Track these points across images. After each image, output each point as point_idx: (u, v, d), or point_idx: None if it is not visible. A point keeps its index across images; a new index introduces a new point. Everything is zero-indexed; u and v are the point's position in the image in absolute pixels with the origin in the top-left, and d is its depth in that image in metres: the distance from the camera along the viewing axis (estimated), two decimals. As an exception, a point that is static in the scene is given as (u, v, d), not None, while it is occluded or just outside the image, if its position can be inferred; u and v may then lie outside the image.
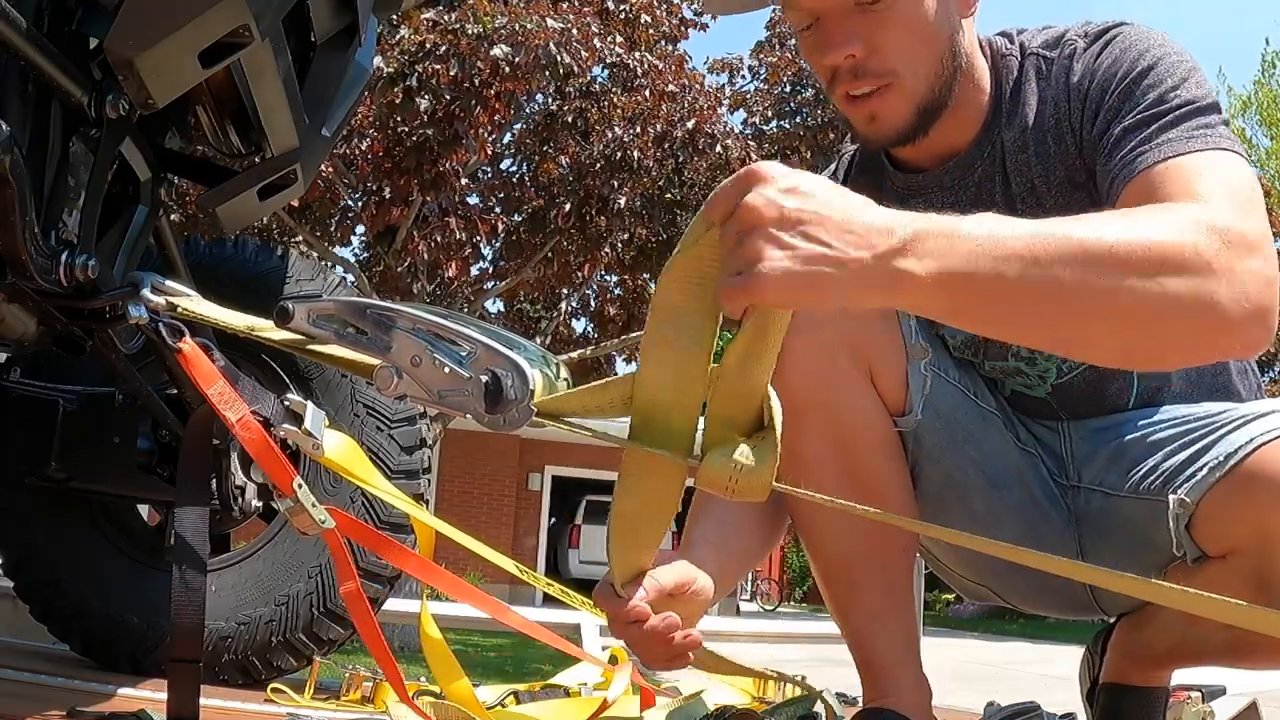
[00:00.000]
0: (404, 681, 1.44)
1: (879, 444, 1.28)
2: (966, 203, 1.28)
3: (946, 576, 1.51)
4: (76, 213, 1.33)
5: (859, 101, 1.21)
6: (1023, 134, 1.25)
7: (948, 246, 0.84)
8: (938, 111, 1.23)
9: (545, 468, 17.47)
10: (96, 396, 1.83)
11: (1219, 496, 1.15)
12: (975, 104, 1.27)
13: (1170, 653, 1.36)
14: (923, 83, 1.20)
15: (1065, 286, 0.86)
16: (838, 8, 1.17)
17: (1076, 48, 1.23)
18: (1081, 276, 0.86)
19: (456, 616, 3.80)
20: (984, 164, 1.28)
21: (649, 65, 8.11)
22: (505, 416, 0.84)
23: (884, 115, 1.21)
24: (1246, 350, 0.95)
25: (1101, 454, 1.31)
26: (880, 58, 1.18)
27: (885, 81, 1.19)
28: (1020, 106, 1.26)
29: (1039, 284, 0.86)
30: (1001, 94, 1.27)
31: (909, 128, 1.23)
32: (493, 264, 9.36)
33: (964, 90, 1.25)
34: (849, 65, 1.18)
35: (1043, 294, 0.86)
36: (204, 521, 1.24)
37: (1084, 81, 1.20)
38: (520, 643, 9.08)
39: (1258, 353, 0.97)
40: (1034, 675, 8.60)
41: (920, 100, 1.21)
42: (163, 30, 1.17)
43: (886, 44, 1.17)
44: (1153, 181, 1.06)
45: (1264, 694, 1.61)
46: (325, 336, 0.97)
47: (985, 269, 0.84)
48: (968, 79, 1.25)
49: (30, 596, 1.97)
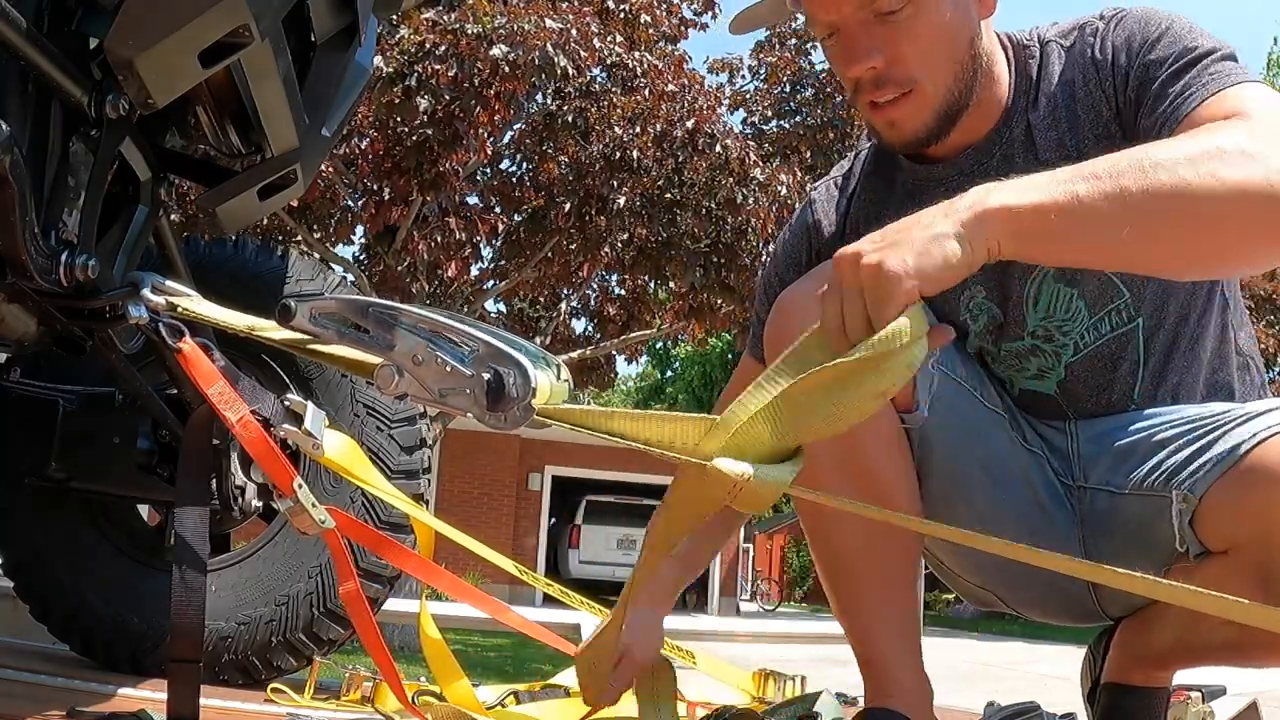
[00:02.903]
0: (403, 683, 1.44)
1: (885, 441, 1.28)
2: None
3: (949, 580, 1.51)
4: (76, 213, 1.33)
5: (881, 108, 1.23)
6: (1053, 111, 1.28)
7: (1022, 185, 0.93)
8: (958, 115, 1.25)
9: (545, 468, 17.48)
10: (96, 396, 1.83)
11: (1221, 491, 1.16)
12: (995, 98, 1.29)
13: (1172, 652, 1.36)
14: (943, 88, 1.22)
15: (1132, 193, 0.92)
16: (857, 19, 1.18)
17: (1096, 27, 1.27)
18: (1146, 182, 0.92)
19: (456, 616, 3.80)
20: (1003, 147, 1.29)
21: (649, 65, 8.10)
22: (507, 415, 0.84)
23: (904, 121, 1.24)
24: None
25: (1107, 455, 1.31)
26: (901, 67, 1.20)
27: (906, 89, 1.21)
28: (1047, 87, 1.29)
29: (1108, 196, 0.92)
30: (1022, 82, 1.30)
31: (930, 132, 1.25)
32: (493, 264, 9.36)
33: (984, 89, 1.27)
34: (871, 76, 1.21)
35: (1113, 202, 0.92)
36: (204, 521, 1.24)
37: (1109, 54, 1.24)
38: (520, 643, 9.08)
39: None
40: (1034, 675, 8.60)
41: (941, 105, 1.23)
42: (163, 30, 1.17)
43: (907, 53, 1.19)
44: (1201, 117, 1.11)
45: (1264, 694, 1.61)
46: (327, 335, 0.97)
47: (1060, 192, 0.92)
48: (988, 78, 1.27)
49: (30, 596, 1.97)
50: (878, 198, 1.40)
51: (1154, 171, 0.93)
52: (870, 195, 1.41)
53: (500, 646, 9.22)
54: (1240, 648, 1.26)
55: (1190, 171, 0.93)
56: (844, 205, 1.44)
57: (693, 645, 1.94)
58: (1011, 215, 0.91)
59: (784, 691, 1.88)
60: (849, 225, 1.42)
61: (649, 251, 8.17)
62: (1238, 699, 1.51)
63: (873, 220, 1.37)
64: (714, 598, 18.43)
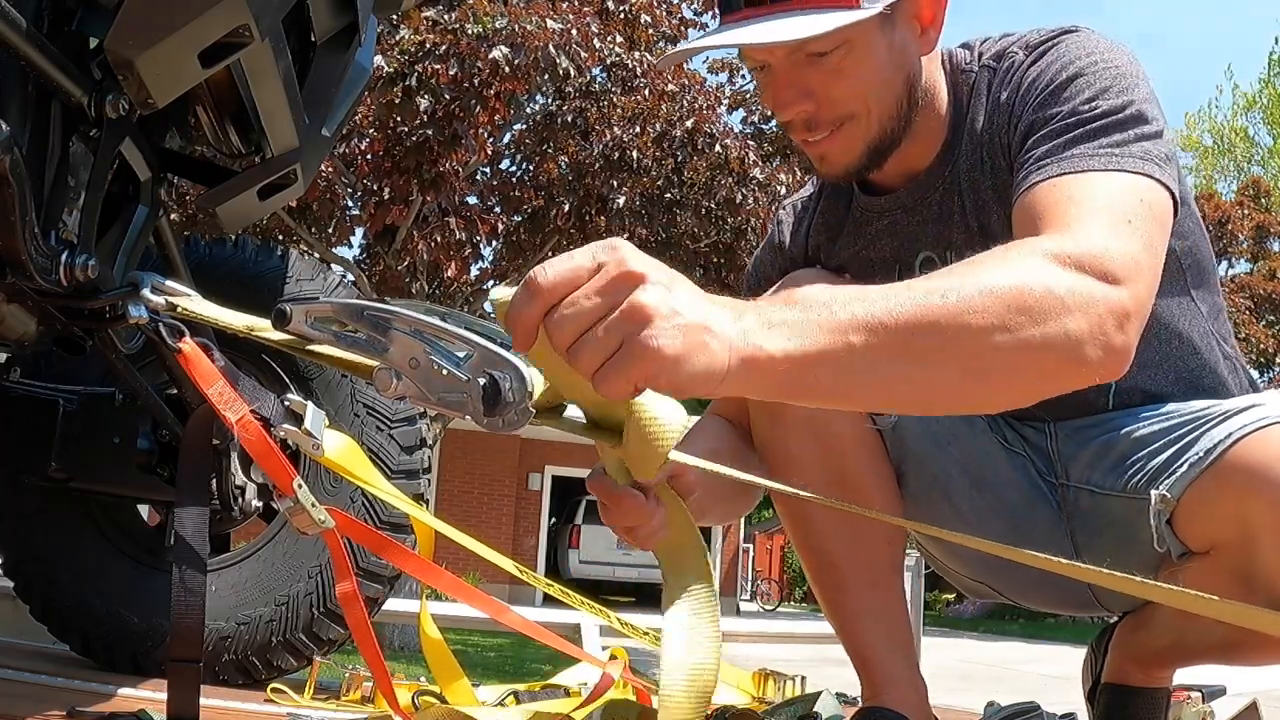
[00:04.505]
0: (394, 688, 1.44)
1: (858, 443, 1.30)
2: (929, 220, 1.29)
3: (945, 574, 1.52)
4: (76, 213, 1.33)
5: (812, 144, 1.20)
6: (975, 150, 1.24)
7: (794, 326, 0.81)
8: (889, 149, 1.22)
9: (545, 468, 17.47)
10: (96, 396, 1.83)
11: (1199, 492, 1.15)
12: (934, 129, 1.26)
13: (1171, 652, 1.36)
14: (875, 124, 1.18)
15: (914, 350, 0.83)
16: (789, 61, 1.15)
17: (1015, 60, 1.21)
18: (930, 341, 0.84)
19: (456, 616, 3.79)
20: (944, 183, 1.27)
21: (649, 65, 8.10)
22: (504, 418, 0.84)
23: (834, 156, 1.21)
24: (1106, 379, 0.91)
25: (1086, 452, 1.32)
26: (831, 108, 1.16)
27: (838, 125, 1.18)
28: (972, 128, 1.24)
29: (889, 351, 0.83)
30: (959, 112, 1.26)
31: (859, 166, 1.22)
32: (493, 264, 9.36)
33: (923, 121, 1.23)
34: (801, 119, 1.18)
35: (895, 359, 0.83)
36: (204, 521, 1.24)
37: (1011, 96, 1.19)
38: (520, 643, 9.08)
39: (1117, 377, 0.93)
40: (1034, 675, 8.60)
41: (872, 140, 1.20)
42: (163, 30, 1.17)
43: (838, 94, 1.16)
44: (1034, 201, 1.04)
45: (1264, 694, 1.61)
46: (323, 338, 0.97)
47: (833, 341, 0.81)
48: (926, 110, 1.23)
49: (30, 596, 1.97)
50: (834, 220, 1.39)
51: (943, 332, 0.84)
52: (826, 219, 1.40)
53: (500, 646, 9.22)
54: (1235, 647, 1.26)
55: (985, 334, 0.84)
56: (805, 226, 1.42)
57: (692, 645, 1.94)
58: (768, 362, 0.80)
59: (784, 691, 1.88)
60: (809, 247, 1.41)
61: (648, 251, 8.12)
62: (1237, 699, 1.51)
63: (828, 245, 1.39)
64: (714, 598, 18.41)
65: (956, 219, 1.27)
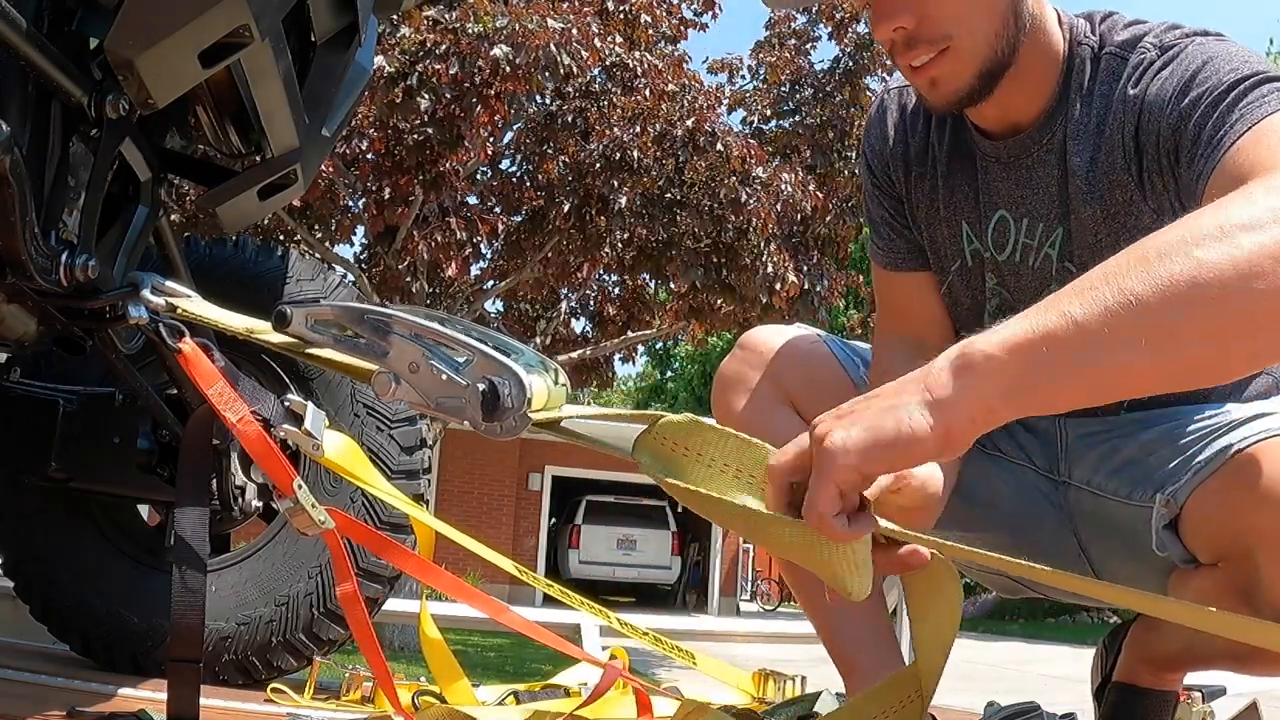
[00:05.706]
0: (404, 683, 1.44)
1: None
2: (1018, 183, 1.28)
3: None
4: (76, 213, 1.33)
5: (920, 70, 1.19)
6: (1086, 132, 1.22)
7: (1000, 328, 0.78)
8: (1000, 73, 1.20)
9: (545, 468, 17.47)
10: (96, 396, 1.83)
11: (1203, 500, 1.15)
12: (1043, 78, 1.24)
13: (1183, 656, 1.36)
14: (982, 43, 1.17)
15: (1140, 295, 0.76)
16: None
17: (1146, 58, 1.19)
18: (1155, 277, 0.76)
19: (456, 616, 3.80)
20: (1040, 150, 1.26)
21: (649, 65, 8.10)
22: (502, 424, 0.84)
23: (944, 80, 1.20)
24: None
25: (1093, 454, 1.31)
26: (932, 24, 1.16)
27: (941, 47, 1.17)
28: (1089, 105, 1.23)
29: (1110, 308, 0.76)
30: (1070, 80, 1.24)
31: (971, 90, 1.20)
32: (492, 264, 9.35)
33: (1030, 57, 1.21)
34: (901, 37, 1.17)
35: (1117, 313, 0.76)
36: (204, 521, 1.24)
37: (1140, 94, 1.17)
38: (520, 643, 9.08)
39: None
40: (1034, 675, 8.60)
41: (981, 61, 1.18)
42: (163, 30, 1.17)
43: (938, 10, 1.15)
44: (1235, 160, 1.01)
45: (1264, 694, 1.61)
46: (323, 341, 0.97)
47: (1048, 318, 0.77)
48: (1034, 44, 1.22)
49: (30, 596, 1.97)
50: (919, 150, 1.37)
51: (1161, 262, 0.76)
52: (923, 139, 1.37)
53: (500, 646, 9.22)
54: (1247, 656, 1.25)
55: (1210, 253, 0.76)
56: (904, 132, 1.39)
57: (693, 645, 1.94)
58: (991, 364, 0.76)
59: (784, 691, 1.88)
60: (911, 155, 1.38)
61: (649, 251, 8.15)
62: (1238, 699, 1.51)
63: (918, 163, 1.36)
64: (714, 598, 18.42)
65: (1042, 190, 1.25)
